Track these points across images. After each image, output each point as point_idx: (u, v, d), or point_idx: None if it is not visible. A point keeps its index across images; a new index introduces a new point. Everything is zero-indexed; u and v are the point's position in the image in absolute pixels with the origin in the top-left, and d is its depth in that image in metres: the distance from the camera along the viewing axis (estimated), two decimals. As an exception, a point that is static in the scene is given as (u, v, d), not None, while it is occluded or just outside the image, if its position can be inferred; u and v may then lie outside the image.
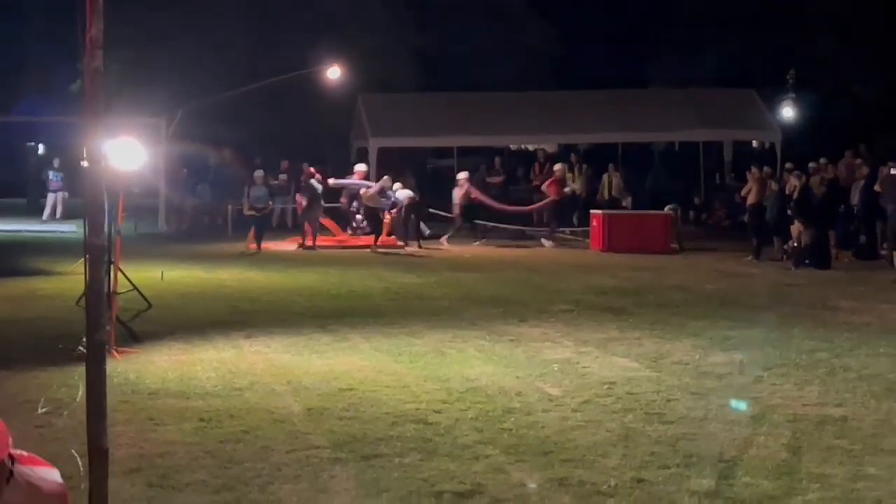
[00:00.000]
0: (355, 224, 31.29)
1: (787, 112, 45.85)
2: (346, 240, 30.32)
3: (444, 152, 41.95)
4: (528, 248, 30.31)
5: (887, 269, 23.33)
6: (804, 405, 11.41)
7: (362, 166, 31.15)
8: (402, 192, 30.10)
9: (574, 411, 11.15)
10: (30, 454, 4.00)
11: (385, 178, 30.03)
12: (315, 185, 29.58)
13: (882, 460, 9.33)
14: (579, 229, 31.71)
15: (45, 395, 11.49)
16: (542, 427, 10.50)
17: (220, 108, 35.70)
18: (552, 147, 42.77)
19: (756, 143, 42.36)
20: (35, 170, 41.86)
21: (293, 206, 33.72)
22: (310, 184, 29.62)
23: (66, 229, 31.95)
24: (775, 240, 26.73)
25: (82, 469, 6.47)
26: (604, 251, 28.68)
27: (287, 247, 29.08)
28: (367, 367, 13.36)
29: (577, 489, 8.63)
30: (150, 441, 9.98)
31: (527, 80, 42.81)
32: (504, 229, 32.75)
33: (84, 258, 5.77)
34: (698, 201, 37.89)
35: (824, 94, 43.54)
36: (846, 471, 9.04)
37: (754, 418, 10.83)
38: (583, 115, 37.67)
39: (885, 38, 40.29)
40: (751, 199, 27.59)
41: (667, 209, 30.25)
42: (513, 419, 10.78)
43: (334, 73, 33.94)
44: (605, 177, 36.44)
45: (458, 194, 31.45)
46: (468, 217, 31.52)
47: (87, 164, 5.66)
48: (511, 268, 25.06)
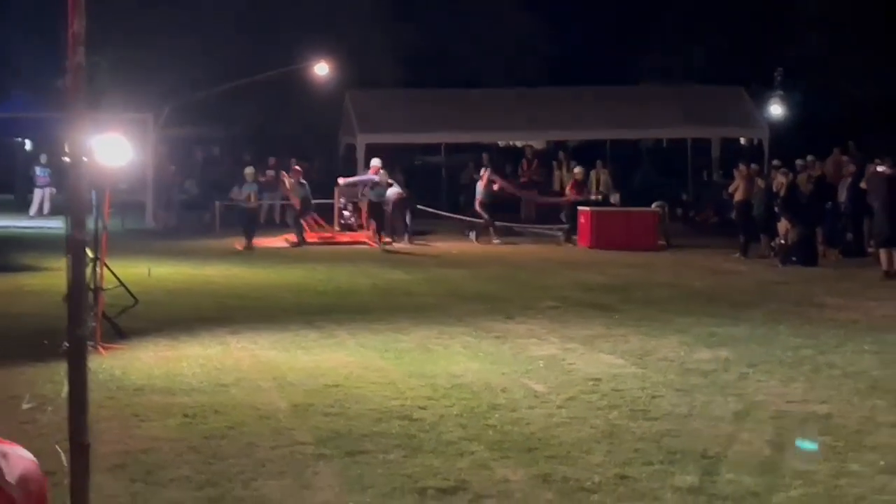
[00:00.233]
0: (343, 220, 31.26)
1: (775, 109, 45.87)
2: (333, 236, 30.28)
3: (433, 149, 41.93)
4: (516, 244, 30.30)
5: (874, 267, 23.33)
6: (788, 402, 11.44)
7: (377, 161, 30.70)
8: (391, 189, 30.06)
9: (559, 408, 11.16)
10: None
11: (382, 172, 29.88)
12: (305, 184, 29.57)
13: (865, 457, 9.35)
14: (566, 226, 31.64)
15: (31, 391, 11.48)
16: (527, 423, 10.51)
17: (207, 105, 35.67)
18: (540, 144, 42.79)
19: (744, 141, 42.39)
20: (22, 166, 41.77)
21: (281, 202, 33.66)
22: (302, 183, 29.55)
23: (53, 225, 31.88)
24: (762, 237, 26.76)
25: (66, 464, 6.46)
26: (591, 248, 28.69)
27: (276, 244, 29.00)
28: (353, 364, 13.37)
29: (561, 485, 8.65)
30: (134, 437, 9.99)
31: (515, 76, 42.82)
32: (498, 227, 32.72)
33: (67, 254, 5.76)
34: (686, 198, 37.91)
35: (812, 92, 43.59)
36: (829, 467, 9.07)
37: (738, 415, 10.85)
38: (571, 111, 37.68)
39: (873, 36, 40.36)
40: (738, 196, 27.62)
41: (654, 206, 30.26)
42: (498, 416, 10.79)
43: (322, 69, 33.92)
44: (593, 173, 36.41)
45: (480, 187, 31.16)
46: (490, 211, 31.14)
47: (68, 159, 5.65)
48: (498, 264, 25.06)
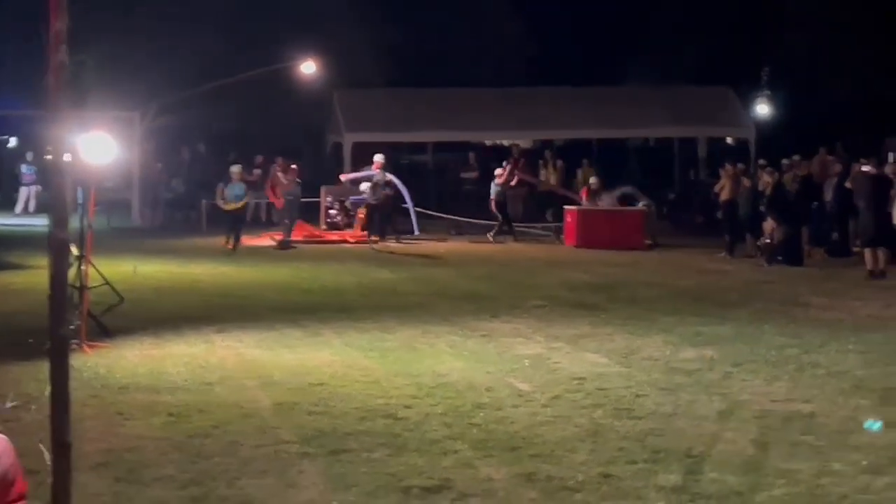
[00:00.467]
0: (329, 219, 31.24)
1: (762, 109, 45.95)
2: (320, 235, 30.25)
3: (420, 148, 41.93)
4: (501, 243, 30.31)
5: (859, 266, 23.38)
6: (772, 401, 11.46)
7: (380, 157, 30.45)
8: (364, 186, 30.09)
9: (543, 407, 11.17)
10: None
11: (379, 172, 29.70)
12: (299, 184, 29.46)
13: (848, 456, 9.37)
14: (552, 225, 31.70)
15: (15, 390, 11.47)
16: (512, 422, 10.52)
17: (194, 103, 35.58)
18: (527, 143, 42.83)
19: (731, 140, 42.46)
20: (8, 163, 41.65)
21: (267, 201, 33.61)
22: (298, 182, 29.41)
23: (38, 223, 31.81)
24: (748, 236, 26.80)
25: (49, 463, 6.45)
26: (577, 247, 28.71)
27: (262, 242, 28.93)
28: (338, 363, 13.37)
29: (545, 484, 8.66)
30: (118, 436, 9.97)
31: (502, 76, 42.80)
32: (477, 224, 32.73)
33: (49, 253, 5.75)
34: (672, 197, 37.96)
35: (798, 92, 43.64)
36: (812, 466, 9.09)
37: (722, 414, 10.87)
38: (558, 111, 37.72)
39: (860, 36, 40.43)
40: (724, 196, 27.66)
41: (641, 205, 30.30)
42: (482, 414, 10.80)
43: (309, 68, 33.86)
44: (580, 172, 36.47)
45: (498, 184, 31.04)
46: (504, 210, 31.04)
47: (50, 157, 5.64)
48: (484, 263, 25.07)
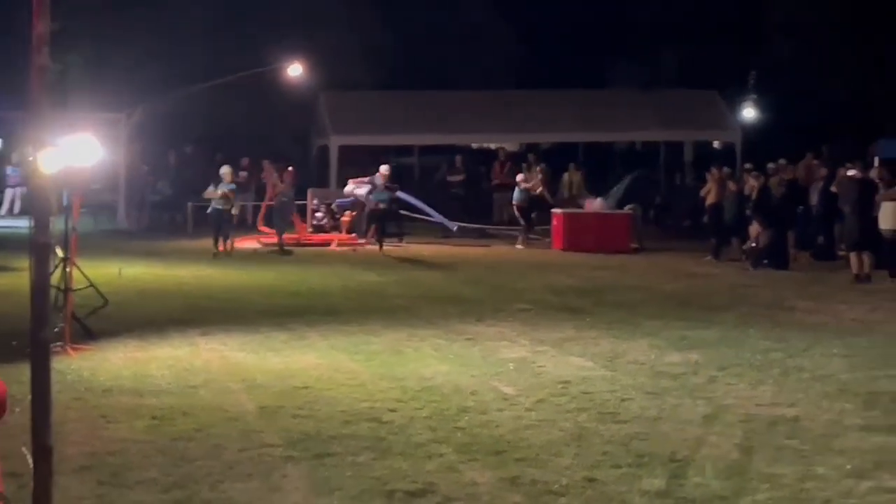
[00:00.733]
0: (315, 221, 31.20)
1: (748, 113, 46.02)
2: (307, 237, 30.20)
3: (406, 150, 41.91)
4: (489, 246, 30.35)
5: (844, 270, 23.45)
6: (757, 405, 11.47)
7: (386, 168, 30.27)
8: (361, 191, 30.02)
9: (528, 410, 11.17)
10: None
11: (377, 174, 29.42)
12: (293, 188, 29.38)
13: (832, 460, 9.38)
14: (538, 228, 31.69)
15: None
16: (496, 426, 10.51)
17: (180, 105, 35.53)
18: (514, 146, 42.83)
19: (717, 144, 42.52)
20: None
21: (254, 203, 33.58)
22: (294, 186, 29.27)
23: (22, 225, 31.69)
24: (734, 240, 26.84)
25: (31, 466, 6.45)
26: (564, 250, 28.73)
27: (248, 244, 28.86)
28: (323, 366, 13.36)
29: (529, 488, 8.65)
30: (101, 439, 9.94)
31: (489, 78, 42.83)
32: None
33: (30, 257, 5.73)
34: (659, 201, 37.99)
35: (784, 96, 43.71)
36: (796, 471, 9.09)
37: (707, 418, 10.87)
38: (544, 114, 37.74)
39: (846, 40, 40.50)
40: (710, 200, 27.71)
41: (627, 209, 30.32)
42: (467, 418, 10.79)
43: (295, 70, 33.81)
44: (566, 175, 36.49)
45: (522, 188, 30.94)
46: (526, 214, 30.97)
47: (33, 158, 5.63)
48: (470, 266, 25.06)
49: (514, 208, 31.03)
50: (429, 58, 43.53)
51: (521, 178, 31.40)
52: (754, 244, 25.56)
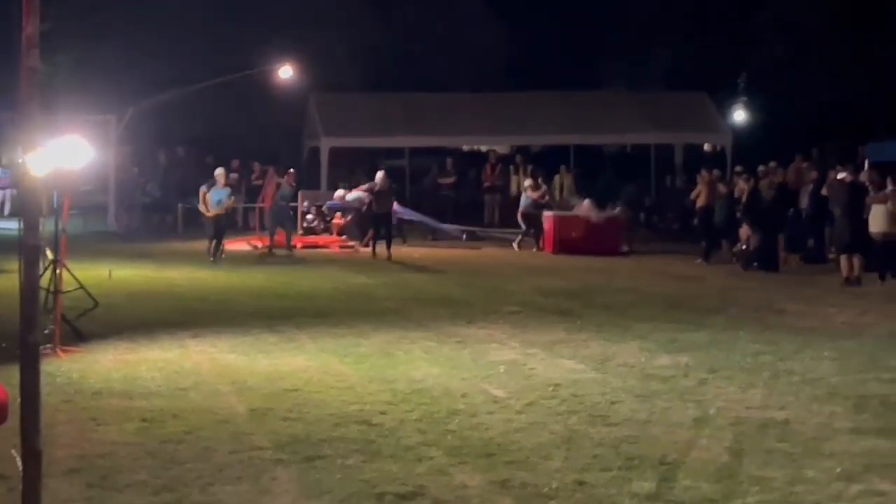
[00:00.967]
0: (305, 224, 31.18)
1: (738, 115, 46.08)
2: (297, 240, 30.18)
3: (397, 152, 41.90)
4: (479, 248, 30.36)
5: (835, 273, 23.48)
6: (747, 408, 11.47)
7: (381, 174, 30.12)
8: (352, 195, 30.02)
9: (518, 413, 11.16)
10: None
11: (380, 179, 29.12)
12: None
13: (821, 464, 9.39)
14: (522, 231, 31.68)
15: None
16: (486, 429, 10.50)
17: (171, 107, 35.49)
18: (504, 148, 42.84)
19: (707, 147, 42.55)
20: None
21: (244, 205, 33.54)
22: (292, 186, 29.11)
23: (12, 226, 31.62)
24: (724, 243, 26.87)
25: (20, 469, 6.43)
26: (554, 252, 28.73)
27: (238, 246, 28.83)
28: (313, 368, 13.34)
29: (519, 491, 8.64)
30: (91, 441, 9.92)
31: (480, 81, 42.82)
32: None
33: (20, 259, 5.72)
34: (649, 203, 38.03)
35: (775, 98, 43.76)
36: (786, 474, 9.09)
37: (697, 421, 10.87)
38: (535, 116, 37.74)
39: (836, 43, 40.56)
40: (700, 202, 27.74)
41: (617, 211, 30.32)
42: (457, 421, 10.78)
43: (286, 72, 33.80)
44: (557, 178, 36.52)
45: (531, 197, 30.85)
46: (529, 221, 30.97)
47: (22, 160, 5.62)
48: (460, 269, 25.06)
49: (519, 215, 30.96)
50: (420, 59, 43.56)
51: (528, 184, 31.31)
52: (744, 247, 25.60)
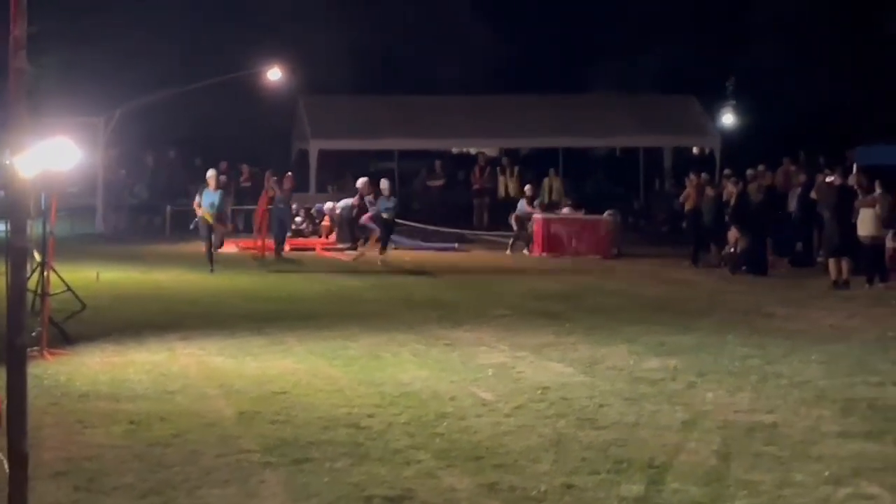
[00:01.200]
0: (294, 226, 31.16)
1: (727, 119, 46.16)
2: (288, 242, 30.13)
3: (386, 155, 41.88)
4: (468, 251, 30.37)
5: (823, 277, 23.51)
6: (735, 411, 11.46)
7: (364, 180, 30.07)
8: (342, 204, 30.09)
9: (507, 416, 11.15)
10: None
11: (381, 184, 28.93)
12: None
13: (809, 467, 9.39)
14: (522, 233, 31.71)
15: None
16: (475, 432, 10.49)
17: (159, 109, 35.44)
18: (493, 151, 42.87)
19: (696, 150, 42.60)
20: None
21: (232, 207, 33.47)
22: (290, 190, 28.99)
23: None
24: (713, 246, 26.89)
25: (7, 471, 6.42)
26: (543, 255, 28.75)
27: (227, 249, 28.75)
28: (301, 371, 13.32)
29: (508, 494, 8.63)
30: (77, 444, 9.89)
31: (469, 83, 42.83)
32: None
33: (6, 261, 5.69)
34: (638, 206, 38.07)
35: (764, 102, 43.84)
36: (774, 477, 9.09)
37: (685, 424, 10.87)
38: (525, 119, 37.78)
39: (826, 46, 40.63)
40: (689, 206, 27.79)
41: (606, 214, 30.35)
42: (445, 424, 10.76)
43: (275, 74, 33.77)
44: (546, 181, 36.54)
45: (526, 207, 30.85)
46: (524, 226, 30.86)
47: (10, 162, 5.61)
48: (450, 272, 25.05)
49: (513, 218, 30.98)
50: (409, 62, 43.54)
51: (528, 193, 31.29)
52: (733, 250, 25.62)
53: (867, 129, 36.42)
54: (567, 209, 31.10)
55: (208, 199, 24.92)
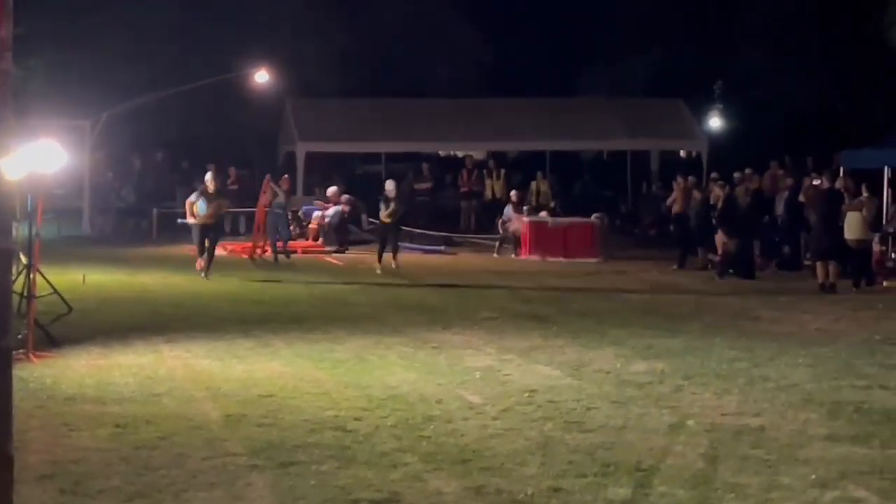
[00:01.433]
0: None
1: (714, 122, 46.23)
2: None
3: (373, 158, 41.89)
4: (456, 254, 30.37)
5: (810, 280, 23.54)
6: (723, 414, 11.46)
7: (334, 188, 29.79)
8: (332, 209, 30.09)
9: (494, 419, 11.14)
10: None
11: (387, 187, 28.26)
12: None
13: (796, 470, 9.39)
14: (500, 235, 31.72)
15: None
16: (462, 435, 10.47)
17: (146, 112, 35.40)
18: (481, 154, 42.89)
19: (683, 153, 42.66)
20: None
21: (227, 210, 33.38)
22: (287, 193, 28.87)
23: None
24: (700, 249, 26.90)
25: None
26: (531, 258, 28.76)
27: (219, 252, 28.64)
28: (288, 374, 13.30)
29: (494, 498, 8.62)
30: (63, 447, 9.86)
31: (457, 86, 42.85)
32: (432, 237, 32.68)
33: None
34: (625, 210, 38.10)
35: (751, 105, 43.91)
36: (761, 481, 9.09)
37: (672, 427, 10.87)
38: (512, 122, 37.80)
39: (812, 51, 40.69)
40: (676, 209, 27.81)
41: (593, 217, 30.37)
42: (432, 427, 10.75)
43: (262, 77, 33.74)
44: (534, 184, 36.55)
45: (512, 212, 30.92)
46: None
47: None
48: (437, 275, 25.04)
49: (500, 223, 31.01)
50: (397, 65, 43.53)
51: (514, 198, 31.32)
52: (720, 254, 25.62)
53: (854, 133, 36.54)
54: (544, 213, 31.16)
55: (205, 204, 23.88)
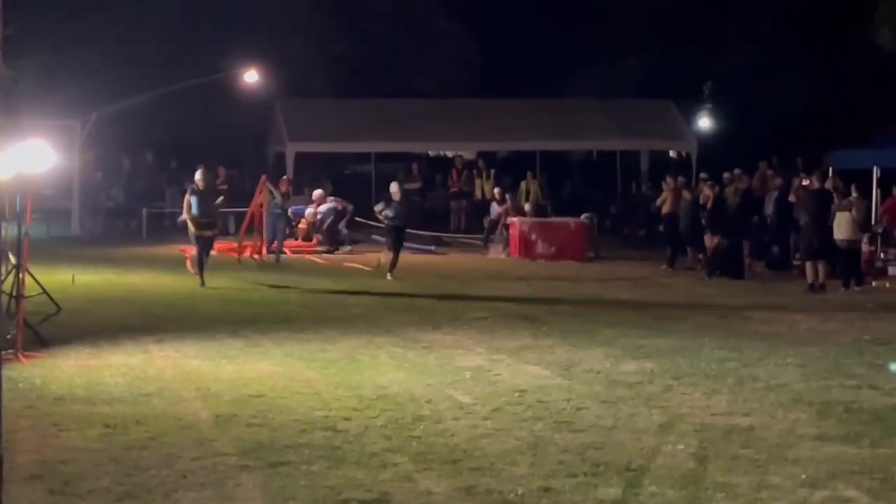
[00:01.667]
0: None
1: (704, 123, 46.24)
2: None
3: (363, 158, 41.86)
4: (446, 254, 30.38)
5: (799, 280, 23.58)
6: (712, 414, 11.48)
7: (320, 192, 29.71)
8: (323, 207, 30.04)
9: (484, 419, 11.14)
10: None
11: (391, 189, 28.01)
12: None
13: (786, 470, 9.40)
14: (492, 235, 31.73)
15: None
16: (452, 435, 10.47)
17: (135, 112, 35.33)
18: (471, 154, 42.87)
19: (673, 154, 42.68)
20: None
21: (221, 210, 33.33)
22: (287, 195, 28.77)
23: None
24: (689, 249, 26.92)
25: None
26: (520, 258, 28.77)
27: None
28: (278, 374, 13.29)
29: (484, 497, 8.62)
30: (53, 447, 9.84)
31: (447, 87, 42.84)
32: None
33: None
34: (615, 210, 38.11)
35: (740, 106, 43.95)
36: (751, 480, 9.10)
37: (662, 427, 10.87)
38: (502, 122, 37.80)
39: (801, 51, 40.76)
40: (665, 209, 27.82)
41: (583, 217, 30.38)
42: (422, 427, 10.75)
43: (252, 77, 33.70)
44: (524, 184, 36.53)
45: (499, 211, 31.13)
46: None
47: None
48: (427, 275, 25.04)
49: (489, 221, 31.07)
50: (386, 65, 43.52)
51: (497, 195, 31.38)
52: (709, 253, 25.64)
53: (843, 134, 36.57)
54: (527, 206, 31.30)
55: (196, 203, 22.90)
